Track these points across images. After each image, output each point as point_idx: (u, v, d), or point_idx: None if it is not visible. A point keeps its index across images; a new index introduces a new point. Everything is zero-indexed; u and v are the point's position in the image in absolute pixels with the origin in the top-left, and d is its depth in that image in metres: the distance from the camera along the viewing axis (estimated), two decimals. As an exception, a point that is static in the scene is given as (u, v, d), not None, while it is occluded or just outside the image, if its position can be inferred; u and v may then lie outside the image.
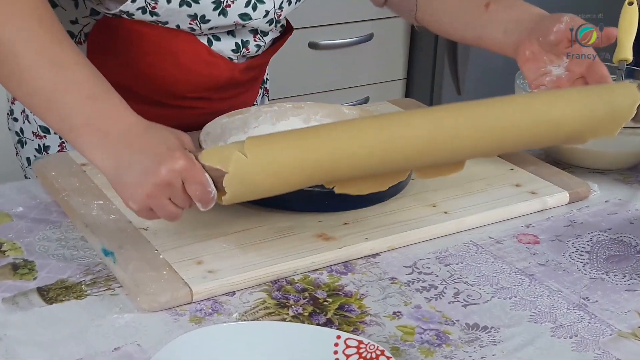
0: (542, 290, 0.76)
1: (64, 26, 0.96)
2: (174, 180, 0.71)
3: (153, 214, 0.73)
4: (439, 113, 0.79)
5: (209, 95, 1.04)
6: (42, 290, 0.73)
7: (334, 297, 0.74)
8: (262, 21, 0.99)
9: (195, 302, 0.72)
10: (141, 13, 0.93)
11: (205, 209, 0.74)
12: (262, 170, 0.74)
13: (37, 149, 1.07)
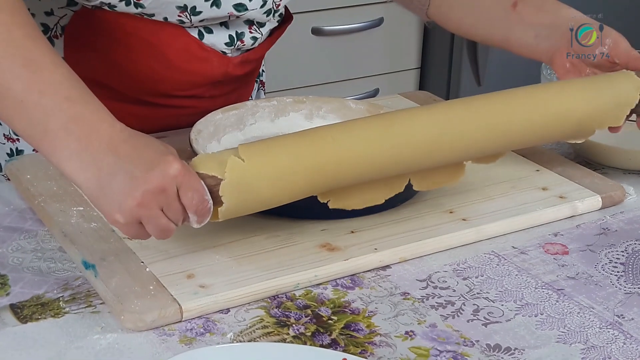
0: (572, 306, 0.75)
1: (39, 18, 0.96)
2: (168, 186, 0.70)
3: (142, 230, 0.72)
4: (442, 111, 0.81)
5: (200, 92, 1.03)
6: (16, 307, 0.73)
7: (339, 314, 0.73)
8: (258, 11, 0.98)
9: (186, 320, 0.72)
10: (124, 5, 0.92)
11: (199, 224, 0.73)
12: (261, 175, 0.74)
13: (9, 154, 1.06)
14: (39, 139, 0.72)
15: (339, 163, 0.76)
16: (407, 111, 0.83)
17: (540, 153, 1.00)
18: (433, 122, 0.80)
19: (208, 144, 0.93)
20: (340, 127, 0.80)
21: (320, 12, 2.06)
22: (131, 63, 0.98)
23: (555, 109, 0.85)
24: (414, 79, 2.28)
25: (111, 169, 0.70)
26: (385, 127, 0.79)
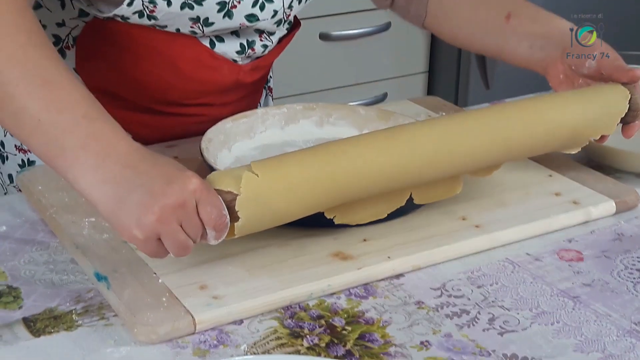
0: (588, 314, 0.74)
1: (50, 29, 0.96)
2: (187, 200, 0.69)
3: (160, 247, 0.71)
4: (444, 124, 0.83)
5: (210, 100, 1.03)
6: (29, 321, 0.72)
7: (353, 325, 0.73)
8: (269, 22, 0.98)
9: (199, 332, 0.71)
10: (137, 17, 0.92)
11: (217, 240, 0.73)
12: (276, 189, 0.74)
13: (21, 165, 1.05)
14: (55, 156, 0.72)
15: (350, 175, 0.77)
16: (412, 125, 0.85)
17: (553, 158, 0.99)
18: (435, 135, 0.82)
19: (219, 152, 0.93)
20: (350, 140, 0.81)
21: (327, 17, 2.06)
22: (142, 72, 0.98)
23: (550, 120, 0.87)
24: (422, 83, 2.27)
25: (129, 184, 0.69)
26: (391, 140, 0.80)
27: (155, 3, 0.91)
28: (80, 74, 1.00)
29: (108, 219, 0.71)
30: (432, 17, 1.06)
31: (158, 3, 0.91)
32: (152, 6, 0.91)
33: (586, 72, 0.93)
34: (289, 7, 0.99)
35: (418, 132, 0.82)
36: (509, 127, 0.85)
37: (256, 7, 0.96)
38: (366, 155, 0.78)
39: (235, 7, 0.95)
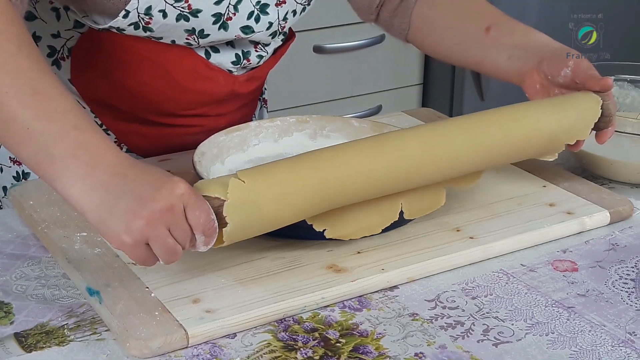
0: (583, 324, 0.74)
1: (45, 41, 0.97)
2: (175, 204, 0.70)
3: (149, 253, 0.71)
4: (427, 132, 0.85)
5: (205, 111, 1.04)
6: (20, 336, 0.72)
7: (347, 337, 0.72)
8: (264, 33, 0.99)
9: (192, 346, 0.71)
10: (133, 28, 0.93)
11: (206, 245, 0.73)
12: (263, 194, 0.75)
13: (15, 177, 1.06)
14: (44, 164, 0.72)
15: (337, 180, 0.78)
16: (398, 132, 0.86)
17: (546, 169, 0.99)
18: (420, 141, 0.84)
19: (212, 165, 0.93)
20: (337, 147, 0.82)
21: (321, 30, 2.06)
22: (138, 83, 0.98)
23: (528, 126, 0.89)
24: (416, 95, 2.28)
25: (118, 191, 0.70)
26: (377, 146, 0.82)
27: (151, 15, 0.91)
28: (75, 85, 1.00)
29: (97, 227, 0.71)
30: (415, 30, 1.07)
31: (154, 15, 0.91)
32: (148, 18, 0.92)
33: (562, 80, 0.94)
34: (283, 19, 1.00)
35: (403, 139, 0.84)
36: (490, 134, 0.86)
37: (251, 19, 0.97)
38: (353, 160, 0.80)
39: (231, 19, 0.95)
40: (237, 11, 0.95)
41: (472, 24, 1.02)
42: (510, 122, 0.89)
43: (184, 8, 0.92)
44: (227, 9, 0.94)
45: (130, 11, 0.91)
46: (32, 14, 0.98)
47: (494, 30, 0.99)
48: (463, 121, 0.88)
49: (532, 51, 0.96)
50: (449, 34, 1.04)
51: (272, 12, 0.98)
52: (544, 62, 0.95)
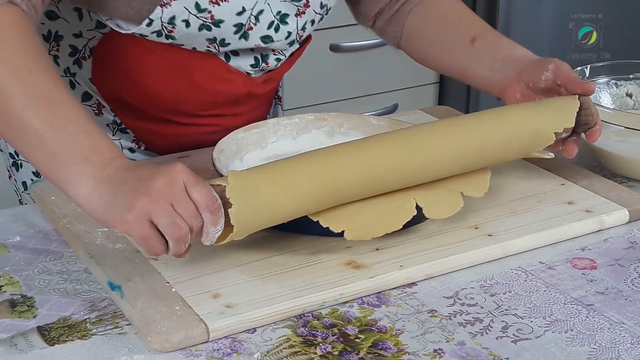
0: (602, 322, 0.75)
1: (67, 40, 0.98)
2: (175, 179, 0.72)
3: (155, 233, 0.72)
4: (425, 131, 0.88)
5: (223, 111, 1.05)
6: (43, 329, 0.73)
7: (366, 333, 0.73)
8: (283, 42, 1.01)
9: (212, 340, 0.72)
10: (156, 36, 0.95)
11: (214, 226, 0.73)
12: (263, 177, 0.78)
13: (35, 172, 1.07)
14: (55, 168, 0.76)
15: (335, 168, 0.81)
16: (399, 131, 0.89)
17: (565, 167, 1.00)
18: (417, 142, 0.86)
19: (230, 162, 0.94)
20: (337, 145, 0.85)
21: (338, 28, 2.07)
22: (157, 84, 0.99)
23: (512, 122, 0.91)
24: (432, 94, 2.28)
25: (120, 179, 0.73)
26: (379, 140, 0.86)
27: (174, 24, 0.93)
28: (95, 84, 1.01)
29: (101, 216, 0.73)
30: (407, 39, 1.11)
31: (177, 24, 0.93)
32: (171, 27, 0.93)
33: (543, 85, 0.95)
34: (302, 28, 1.01)
35: (402, 133, 0.87)
36: (479, 132, 0.89)
37: (271, 29, 0.98)
38: (352, 151, 0.83)
39: (252, 29, 0.96)
40: (257, 21, 0.96)
41: (458, 35, 1.05)
42: (494, 121, 0.91)
43: (206, 18, 0.93)
44: (249, 20, 0.95)
45: (154, 20, 0.92)
46: (55, 13, 0.99)
47: (478, 42, 1.03)
48: (452, 122, 0.91)
49: (512, 64, 0.99)
50: (436, 43, 1.08)
51: (291, 22, 0.99)
52: (523, 72, 0.97)
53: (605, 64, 1.12)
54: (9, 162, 1.10)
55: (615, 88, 1.11)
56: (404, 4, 1.10)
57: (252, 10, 0.95)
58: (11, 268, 0.81)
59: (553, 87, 0.95)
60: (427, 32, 1.09)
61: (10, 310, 0.76)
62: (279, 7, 0.97)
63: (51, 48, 1.00)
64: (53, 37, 1.00)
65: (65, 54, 1.00)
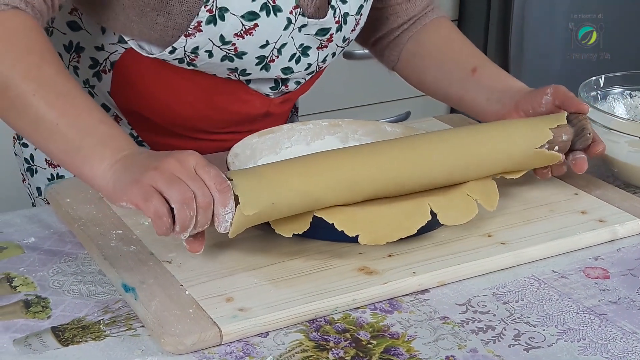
0: (615, 331, 0.75)
1: (88, 52, 1.00)
2: (186, 160, 0.75)
3: (162, 204, 0.72)
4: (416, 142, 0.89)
5: (239, 129, 1.06)
6: (57, 330, 0.74)
7: (378, 338, 0.73)
8: (302, 73, 1.02)
9: (225, 343, 0.72)
10: (177, 62, 0.96)
11: (224, 207, 0.74)
12: (265, 167, 0.82)
13: (50, 178, 1.08)
14: (72, 155, 0.79)
15: (343, 154, 0.84)
16: (407, 137, 0.92)
17: (579, 176, 0.99)
18: (427, 145, 0.88)
19: (245, 166, 0.94)
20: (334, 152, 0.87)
21: (351, 35, 2.07)
22: (176, 102, 1.00)
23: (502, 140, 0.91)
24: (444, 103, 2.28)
25: (136, 158, 0.77)
26: (380, 147, 0.88)
27: (197, 54, 0.94)
28: (114, 98, 1.02)
29: (112, 190, 0.76)
30: (403, 63, 1.14)
31: (200, 54, 0.94)
32: (194, 56, 0.94)
33: (544, 109, 0.97)
34: (323, 61, 1.02)
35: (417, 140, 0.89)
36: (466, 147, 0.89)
37: (292, 61, 0.99)
38: (364, 148, 0.87)
39: (273, 61, 0.97)
40: (280, 54, 0.97)
41: (459, 65, 1.08)
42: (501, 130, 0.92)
43: (230, 50, 0.94)
44: (271, 52, 0.96)
45: (177, 48, 0.93)
46: (77, 24, 1.00)
47: (479, 72, 1.06)
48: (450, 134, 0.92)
49: (509, 95, 1.01)
50: (433, 70, 1.11)
51: (312, 54, 1.00)
52: (521, 101, 0.99)
53: (620, 74, 1.12)
54: (24, 167, 1.11)
55: (629, 98, 1.11)
56: (405, 31, 1.12)
57: (276, 44, 0.96)
58: (26, 269, 0.82)
59: (553, 110, 0.97)
60: (425, 59, 1.11)
61: (24, 310, 0.76)
62: (302, 40, 0.98)
63: (71, 59, 1.01)
64: (74, 48, 1.00)
65: (86, 65, 1.01)
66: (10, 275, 0.81)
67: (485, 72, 1.06)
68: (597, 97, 1.09)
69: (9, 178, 1.39)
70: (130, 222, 0.87)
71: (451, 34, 1.12)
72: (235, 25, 0.92)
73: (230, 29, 0.92)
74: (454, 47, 1.11)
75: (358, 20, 1.02)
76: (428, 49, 1.11)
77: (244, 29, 0.92)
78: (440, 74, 1.10)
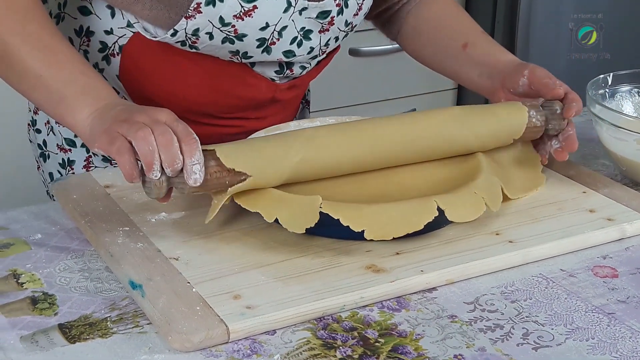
0: (624, 331, 0.74)
1: (98, 36, 1.01)
2: (155, 113, 0.80)
3: (122, 141, 0.77)
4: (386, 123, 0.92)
5: (246, 115, 1.06)
6: (64, 327, 0.73)
7: (386, 337, 0.73)
8: (305, 57, 1.02)
9: (232, 341, 0.72)
10: (180, 45, 0.96)
11: (190, 157, 0.78)
12: None
13: (61, 164, 1.08)
14: (55, 103, 0.86)
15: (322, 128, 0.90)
16: (365, 121, 0.94)
17: (587, 175, 0.99)
18: (379, 129, 0.91)
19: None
20: None
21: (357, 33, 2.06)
22: (182, 86, 1.00)
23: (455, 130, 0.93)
24: (451, 99, 2.28)
25: (115, 106, 0.84)
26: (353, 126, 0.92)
27: (198, 36, 0.94)
28: (122, 81, 1.02)
29: (89, 136, 0.83)
30: (403, 37, 1.17)
31: (200, 36, 0.94)
32: (195, 38, 0.94)
33: (521, 90, 0.99)
34: (325, 44, 1.02)
35: (365, 126, 0.92)
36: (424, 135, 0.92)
37: (294, 44, 0.98)
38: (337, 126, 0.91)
39: (274, 43, 0.97)
40: (281, 37, 0.97)
41: (452, 40, 1.10)
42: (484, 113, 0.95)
43: (230, 32, 0.94)
44: (272, 35, 0.96)
45: (178, 31, 0.93)
46: (88, 9, 1.01)
47: (469, 47, 1.07)
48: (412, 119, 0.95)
49: (498, 70, 1.03)
50: (431, 46, 1.13)
51: (314, 38, 1.00)
52: (506, 78, 1.01)
53: (628, 72, 1.11)
54: (37, 153, 1.12)
55: (637, 96, 1.10)
56: (404, 5, 1.14)
57: (276, 26, 0.96)
58: (33, 265, 0.82)
59: (530, 92, 0.98)
60: (422, 33, 1.13)
61: (31, 307, 0.76)
62: (303, 23, 0.98)
63: (82, 43, 1.02)
64: (85, 32, 1.01)
65: (95, 49, 1.01)
66: (17, 271, 0.81)
67: (476, 47, 1.07)
68: (605, 95, 1.08)
69: (26, 166, 1.38)
70: (137, 219, 0.87)
71: (447, 9, 1.14)
72: (234, 6, 0.92)
73: (229, 10, 0.92)
74: (449, 22, 1.13)
75: (361, 4, 1.02)
76: (425, 24, 1.13)
77: (243, 10, 0.92)
78: (436, 49, 1.13)
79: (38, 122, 1.11)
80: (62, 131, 1.07)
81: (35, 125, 1.12)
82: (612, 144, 1.01)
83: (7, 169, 1.78)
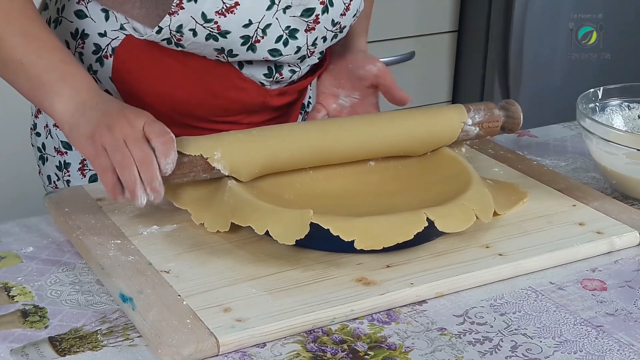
0: (612, 344, 0.75)
1: (92, 39, 1.03)
2: (134, 120, 0.84)
3: (105, 159, 0.82)
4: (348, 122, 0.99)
5: (238, 119, 1.07)
6: (54, 340, 0.74)
7: (375, 350, 0.73)
8: (292, 57, 1.02)
9: (222, 354, 0.72)
10: (166, 43, 0.97)
11: (166, 157, 0.83)
12: None
13: (58, 166, 1.09)
14: (36, 89, 0.90)
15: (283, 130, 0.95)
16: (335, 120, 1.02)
17: (577, 188, 1.00)
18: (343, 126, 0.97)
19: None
20: None
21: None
22: (173, 87, 1.02)
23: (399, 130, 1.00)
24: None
25: (94, 106, 0.87)
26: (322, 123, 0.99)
27: (182, 33, 0.95)
28: (115, 83, 1.03)
29: (69, 133, 0.87)
30: None
31: (184, 33, 0.95)
32: (179, 35, 0.95)
33: (361, 72, 1.07)
34: (312, 44, 1.02)
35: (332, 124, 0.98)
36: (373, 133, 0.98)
37: (279, 42, 0.99)
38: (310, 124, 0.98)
39: (259, 41, 0.98)
40: (265, 35, 0.98)
41: None
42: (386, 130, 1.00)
43: (213, 29, 0.95)
44: (256, 32, 0.97)
45: (163, 28, 0.95)
46: (83, 12, 1.02)
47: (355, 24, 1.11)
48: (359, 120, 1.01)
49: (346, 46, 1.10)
50: None
51: (301, 37, 1.01)
52: (353, 58, 1.08)
53: (618, 87, 1.12)
54: (37, 156, 1.13)
55: (627, 110, 1.11)
56: None
57: (259, 24, 0.97)
58: (24, 278, 0.82)
59: (372, 79, 1.06)
60: None
61: (22, 320, 0.76)
62: (287, 21, 0.99)
63: (77, 46, 1.03)
64: (80, 35, 1.03)
65: (89, 51, 1.03)
66: (8, 284, 0.82)
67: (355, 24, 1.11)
68: (595, 109, 1.09)
69: (29, 170, 1.39)
70: (129, 232, 0.87)
71: None
72: (216, 2, 0.93)
73: (211, 6, 0.93)
74: None
75: (348, 4, 1.03)
76: None
77: (225, 6, 0.94)
78: None
79: (38, 126, 1.12)
80: (59, 134, 1.08)
81: (35, 129, 1.13)
82: (602, 158, 1.02)
83: (6, 177, 1.78)
